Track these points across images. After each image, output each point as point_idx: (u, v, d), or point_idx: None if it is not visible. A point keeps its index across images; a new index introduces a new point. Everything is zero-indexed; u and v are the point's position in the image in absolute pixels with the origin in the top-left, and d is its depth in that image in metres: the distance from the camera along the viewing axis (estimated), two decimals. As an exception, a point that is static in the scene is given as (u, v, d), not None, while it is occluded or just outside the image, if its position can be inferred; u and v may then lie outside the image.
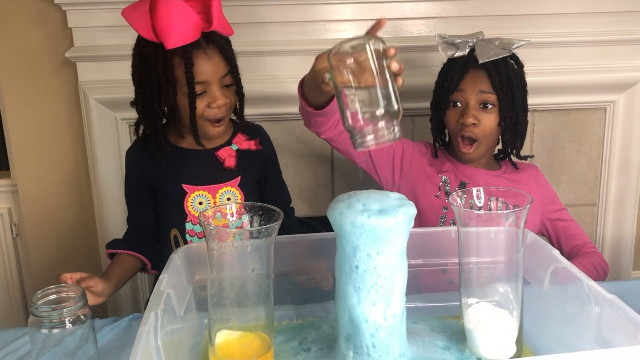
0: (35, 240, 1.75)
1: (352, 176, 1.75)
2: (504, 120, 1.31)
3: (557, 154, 1.78)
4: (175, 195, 1.24)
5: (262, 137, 1.33)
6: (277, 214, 0.80)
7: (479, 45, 1.33)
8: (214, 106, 1.16)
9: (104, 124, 1.65)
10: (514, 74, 1.32)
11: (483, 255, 0.89)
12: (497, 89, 1.29)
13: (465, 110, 1.30)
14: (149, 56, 1.15)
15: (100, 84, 1.62)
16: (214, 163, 1.25)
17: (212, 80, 1.16)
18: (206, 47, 1.15)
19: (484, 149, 1.33)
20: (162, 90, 1.15)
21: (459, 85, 1.31)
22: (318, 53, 1.64)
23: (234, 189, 1.26)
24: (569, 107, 1.75)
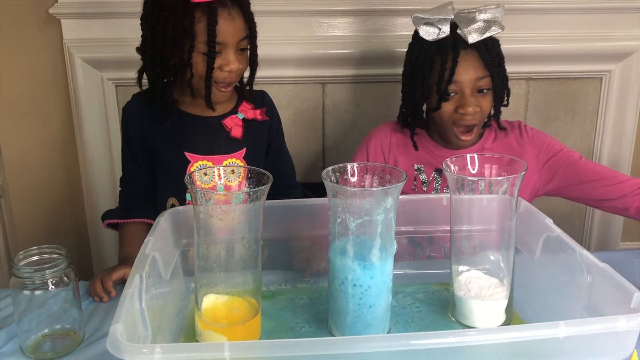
0: (20, 201, 1.73)
1: (343, 143, 1.73)
2: (498, 100, 1.24)
3: (551, 124, 1.77)
4: (176, 163, 1.18)
5: (268, 105, 1.27)
6: (267, 177, 0.78)
7: (461, 20, 1.20)
8: (226, 69, 1.11)
9: (89, 84, 1.61)
10: (498, 45, 1.24)
11: (475, 223, 0.88)
12: (492, 70, 1.20)
13: (463, 99, 1.20)
14: (166, 1, 1.08)
15: (86, 42, 1.57)
16: (219, 132, 1.20)
17: (229, 43, 1.10)
18: (230, 7, 1.10)
19: (479, 130, 1.27)
20: (178, 42, 1.08)
21: (455, 76, 1.19)
22: (307, 14, 1.60)
23: (238, 161, 1.22)
24: (565, 76, 1.73)
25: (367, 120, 1.72)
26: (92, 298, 1.01)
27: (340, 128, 1.74)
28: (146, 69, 1.16)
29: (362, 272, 0.79)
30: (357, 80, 1.68)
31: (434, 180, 1.27)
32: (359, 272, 0.79)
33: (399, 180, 0.76)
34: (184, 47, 1.09)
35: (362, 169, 0.83)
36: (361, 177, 0.83)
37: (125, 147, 1.24)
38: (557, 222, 1.82)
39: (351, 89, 1.70)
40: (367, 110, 1.72)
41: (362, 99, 1.71)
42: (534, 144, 1.29)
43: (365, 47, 1.63)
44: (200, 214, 0.77)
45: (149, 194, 1.23)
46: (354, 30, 1.63)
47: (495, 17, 1.20)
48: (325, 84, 1.69)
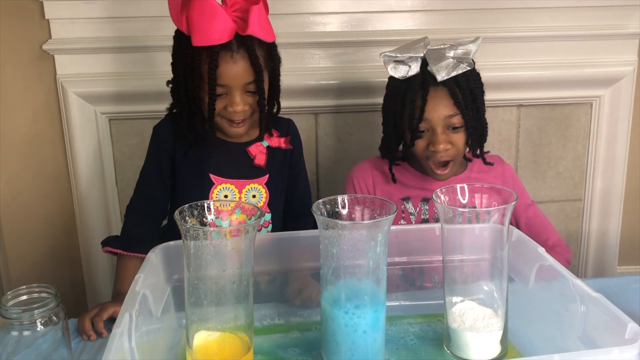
0: (13, 236, 1.71)
1: (337, 172, 1.73)
2: (471, 137, 1.23)
3: (543, 149, 1.77)
4: (201, 184, 1.20)
5: (293, 134, 1.29)
6: (258, 212, 0.78)
7: (432, 57, 1.20)
8: (231, 110, 1.13)
9: (83, 118, 1.61)
10: (473, 81, 1.22)
11: (467, 252, 0.88)
12: (462, 108, 1.19)
13: (434, 137, 1.20)
14: (182, 44, 1.14)
15: (80, 77, 1.58)
16: (244, 158, 1.23)
17: (233, 85, 1.12)
18: (235, 51, 1.11)
19: (458, 163, 1.28)
20: (188, 80, 1.13)
21: (424, 114, 1.19)
22: (299, 46, 1.63)
23: (260, 187, 1.24)
24: (555, 102, 1.74)
25: (361, 149, 1.73)
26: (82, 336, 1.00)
27: (334, 157, 1.74)
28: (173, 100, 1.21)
29: (356, 306, 0.78)
30: (349, 109, 1.69)
31: (422, 211, 1.28)
32: (352, 306, 0.78)
33: (390, 213, 0.76)
34: (192, 86, 1.13)
35: (352, 201, 0.82)
36: (352, 210, 0.83)
37: (152, 164, 1.24)
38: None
39: (343, 118, 1.71)
40: (360, 139, 1.73)
41: (354, 127, 1.72)
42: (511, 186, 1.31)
43: (357, 76, 1.64)
44: (190, 249, 0.76)
45: (157, 226, 1.24)
46: (345, 60, 1.65)
47: (468, 52, 1.20)
48: (318, 113, 1.70)
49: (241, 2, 1.12)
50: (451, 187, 0.86)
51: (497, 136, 1.73)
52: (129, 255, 1.17)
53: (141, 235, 1.19)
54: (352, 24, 1.63)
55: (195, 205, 0.77)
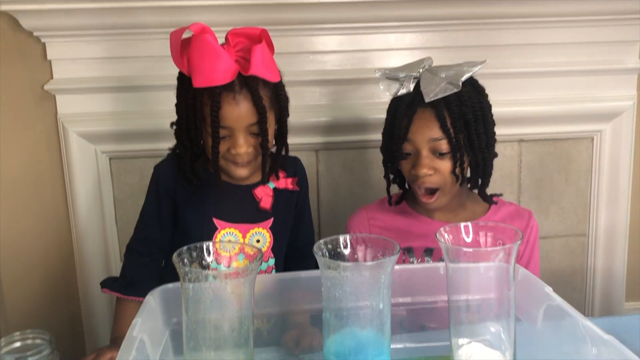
0: (10, 277, 1.69)
1: (339, 208, 1.72)
2: (460, 166, 1.14)
3: (546, 184, 1.76)
4: (204, 228, 1.17)
5: (300, 175, 1.26)
6: (258, 253, 0.76)
7: (424, 78, 1.15)
8: (234, 152, 1.11)
9: (83, 158, 1.61)
10: (469, 108, 1.14)
11: (473, 292, 0.85)
12: (449, 133, 1.12)
13: (417, 160, 1.15)
14: (185, 85, 1.11)
15: (80, 116, 1.58)
16: (249, 201, 1.19)
17: (236, 127, 1.10)
18: (237, 92, 1.08)
19: (449, 196, 1.19)
20: (190, 122, 1.11)
21: (409, 135, 1.14)
22: (303, 84, 1.63)
23: (264, 231, 1.21)
24: (556, 137, 1.74)
25: (362, 185, 1.72)
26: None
27: (336, 194, 1.73)
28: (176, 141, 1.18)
29: (359, 350, 0.75)
30: (350, 146, 1.68)
31: (424, 261, 1.22)
32: (356, 349, 0.75)
33: (393, 253, 0.74)
34: (195, 127, 1.11)
35: (355, 241, 0.81)
36: (354, 250, 0.81)
37: (151, 205, 1.21)
38: (558, 284, 1.81)
39: (344, 154, 1.70)
40: (361, 176, 1.72)
41: (355, 164, 1.71)
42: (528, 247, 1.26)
43: (357, 113, 1.64)
44: (188, 293, 0.74)
45: (157, 268, 1.21)
46: (345, 97, 1.66)
47: (460, 73, 1.13)
48: (319, 150, 1.69)
49: (244, 42, 1.10)
50: (455, 225, 0.84)
51: (499, 171, 1.72)
52: (128, 299, 1.14)
53: (140, 278, 1.17)
54: (352, 62, 1.64)
55: (195, 247, 0.76)
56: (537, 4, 1.59)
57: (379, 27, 1.61)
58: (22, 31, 1.51)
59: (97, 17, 1.47)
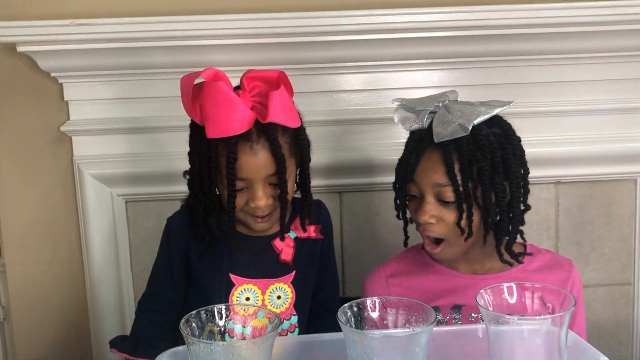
0: (23, 325, 1.63)
1: (364, 254, 1.63)
2: (468, 218, 1.01)
3: (585, 229, 1.65)
4: (220, 285, 1.09)
5: (324, 221, 1.17)
6: (275, 317, 0.68)
7: (439, 115, 1.03)
8: (252, 205, 1.04)
9: (99, 201, 1.55)
10: (486, 153, 1.00)
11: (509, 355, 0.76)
12: (454, 180, 0.99)
13: (420, 205, 1.04)
14: (198, 134, 1.04)
15: (96, 158, 1.53)
16: (268, 253, 1.11)
17: (254, 179, 1.02)
18: (255, 141, 1.01)
19: (457, 248, 1.06)
20: (204, 174, 1.04)
21: (414, 176, 1.04)
22: (325, 124, 1.57)
23: (286, 286, 1.12)
24: (596, 179, 1.63)
25: (388, 229, 1.63)
26: None
27: (360, 238, 1.64)
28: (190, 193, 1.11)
29: None
30: (375, 188, 1.60)
31: (452, 320, 1.09)
32: None
33: (429, 321, 0.65)
34: (210, 179, 1.04)
35: (384, 305, 0.72)
36: (383, 314, 0.72)
37: (163, 261, 1.14)
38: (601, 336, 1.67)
39: (369, 197, 1.62)
40: (387, 219, 1.63)
41: (381, 207, 1.62)
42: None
43: (382, 154, 1.57)
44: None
45: (170, 328, 1.11)
46: (370, 138, 1.58)
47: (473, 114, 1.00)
48: (343, 192, 1.61)
49: (261, 86, 1.03)
50: (497, 287, 0.75)
51: (535, 215, 1.62)
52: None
53: (151, 337, 1.09)
54: (377, 101, 1.57)
55: (205, 310, 0.68)
56: (569, 40, 1.51)
57: (406, 64, 1.54)
58: (39, 72, 1.48)
59: (113, 57, 1.44)
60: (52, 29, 1.38)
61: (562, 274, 1.13)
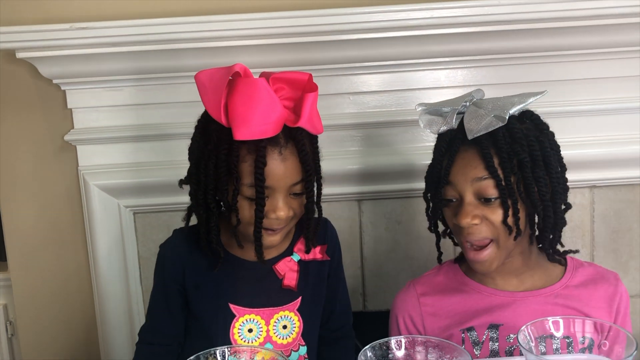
0: (31, 341, 1.57)
1: (385, 265, 1.54)
2: (514, 215, 0.95)
3: (624, 236, 1.54)
4: (219, 317, 1.00)
5: (330, 240, 1.07)
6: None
7: (469, 112, 0.99)
8: (273, 217, 0.94)
9: (106, 213, 1.49)
10: (525, 146, 0.96)
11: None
12: (495, 174, 0.94)
13: (460, 207, 0.97)
14: (212, 134, 0.93)
15: (102, 168, 1.47)
16: (270, 279, 1.02)
17: (278, 187, 0.93)
18: (284, 146, 0.92)
19: (504, 252, 0.98)
20: (221, 182, 0.93)
21: (450, 177, 0.98)
22: (343, 128, 1.49)
23: (292, 315, 1.02)
24: (634, 182, 1.52)
25: (412, 239, 1.53)
26: None
27: (381, 248, 1.55)
28: (193, 209, 1.00)
29: None
30: (396, 195, 1.51)
31: (489, 340, 1.00)
32: None
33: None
34: (228, 189, 0.92)
35: (410, 343, 0.63)
36: (411, 354, 0.63)
37: (158, 294, 1.05)
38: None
39: (391, 204, 1.53)
40: (410, 228, 1.54)
41: (403, 215, 1.53)
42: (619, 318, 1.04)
43: (403, 159, 1.47)
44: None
45: (173, 355, 1.03)
46: (390, 142, 1.49)
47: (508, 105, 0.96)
48: (362, 200, 1.52)
49: (285, 88, 0.94)
50: (540, 322, 0.65)
51: (569, 222, 1.48)
52: None
53: None
54: (397, 102, 1.48)
55: (204, 355, 0.59)
56: (604, 34, 1.40)
57: (428, 63, 1.44)
58: (41, 79, 1.41)
59: (117, 62, 1.37)
60: (52, 34, 1.30)
61: (608, 288, 1.04)
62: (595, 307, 1.00)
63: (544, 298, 1.01)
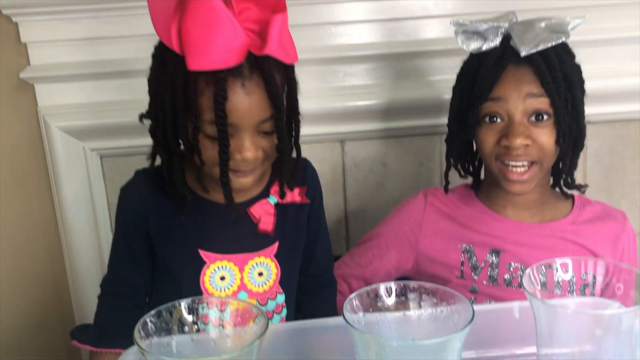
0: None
1: (369, 208, 1.47)
2: (563, 136, 0.94)
3: (616, 174, 1.49)
4: (188, 264, 0.92)
5: (310, 182, 0.99)
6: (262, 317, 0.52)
7: (516, 30, 0.97)
8: (238, 158, 0.84)
9: (70, 157, 1.39)
10: (570, 67, 0.97)
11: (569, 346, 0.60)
12: (552, 90, 0.93)
13: (510, 127, 0.94)
14: (168, 63, 0.82)
15: (64, 109, 1.36)
16: (245, 223, 0.93)
17: (244, 125, 0.82)
18: (248, 77, 0.81)
19: (540, 176, 0.97)
20: (179, 119, 0.83)
21: (495, 91, 0.95)
22: (324, 62, 1.39)
23: (268, 261, 0.94)
24: (629, 117, 1.45)
25: (397, 180, 1.47)
26: None
27: (365, 191, 1.48)
28: (155, 149, 0.91)
29: None
30: (382, 135, 1.43)
31: (489, 266, 0.98)
32: None
33: (466, 319, 0.49)
34: (188, 127, 0.82)
35: (402, 290, 0.56)
36: (403, 300, 0.56)
37: (120, 241, 0.97)
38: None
39: (375, 145, 1.45)
40: (395, 169, 1.46)
41: (389, 156, 1.46)
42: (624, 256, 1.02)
43: (390, 96, 1.38)
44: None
45: (138, 312, 0.94)
46: (376, 77, 1.40)
47: (565, 23, 0.97)
48: (345, 141, 1.44)
49: (253, 9, 0.81)
50: (547, 263, 0.58)
51: (561, 160, 1.45)
52: (102, 352, 0.91)
53: (116, 325, 0.93)
54: (382, 34, 1.37)
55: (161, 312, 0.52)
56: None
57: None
58: (-11, 10, 1.28)
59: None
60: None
61: (615, 226, 1.04)
62: (601, 245, 0.98)
63: (551, 231, 1.00)
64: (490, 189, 1.03)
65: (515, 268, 0.98)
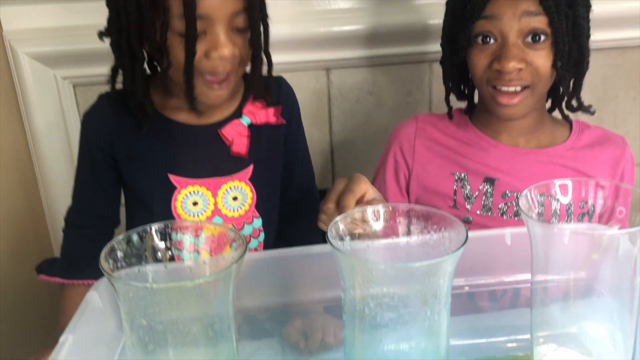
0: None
1: (355, 140, 1.43)
2: (561, 58, 0.88)
3: (609, 104, 1.45)
4: (158, 190, 0.88)
5: (286, 101, 0.94)
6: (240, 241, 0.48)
7: None
8: (215, 55, 0.78)
9: (41, 85, 1.31)
10: None
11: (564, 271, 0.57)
12: (550, 8, 0.86)
13: (503, 48, 0.88)
14: None
15: (32, 33, 1.27)
16: (217, 145, 0.89)
17: (216, 17, 0.77)
18: None
19: (534, 100, 0.92)
20: (145, 19, 0.77)
21: (488, 8, 0.88)
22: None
23: (242, 185, 0.91)
24: (623, 45, 1.40)
25: (385, 111, 1.42)
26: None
27: (351, 122, 1.44)
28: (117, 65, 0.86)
29: None
30: (369, 63, 1.37)
31: (483, 194, 0.95)
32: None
33: (458, 242, 0.45)
34: (155, 26, 0.77)
35: (391, 214, 0.52)
36: (392, 225, 0.53)
37: (85, 169, 0.93)
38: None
39: (362, 73, 1.39)
40: (383, 99, 1.42)
41: (376, 85, 1.40)
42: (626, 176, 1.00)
43: (378, 21, 1.32)
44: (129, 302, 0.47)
45: (108, 237, 0.91)
46: (363, 0, 1.32)
47: None
48: (330, 69, 1.38)
49: None
50: (544, 184, 0.55)
51: (553, 90, 1.41)
52: (73, 284, 0.88)
53: (85, 255, 0.89)
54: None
55: (130, 238, 0.48)
56: None
57: None
58: None
59: None
60: None
61: (614, 151, 1.00)
62: (599, 170, 0.96)
63: (547, 157, 0.96)
64: (484, 113, 0.99)
65: (511, 197, 0.95)
